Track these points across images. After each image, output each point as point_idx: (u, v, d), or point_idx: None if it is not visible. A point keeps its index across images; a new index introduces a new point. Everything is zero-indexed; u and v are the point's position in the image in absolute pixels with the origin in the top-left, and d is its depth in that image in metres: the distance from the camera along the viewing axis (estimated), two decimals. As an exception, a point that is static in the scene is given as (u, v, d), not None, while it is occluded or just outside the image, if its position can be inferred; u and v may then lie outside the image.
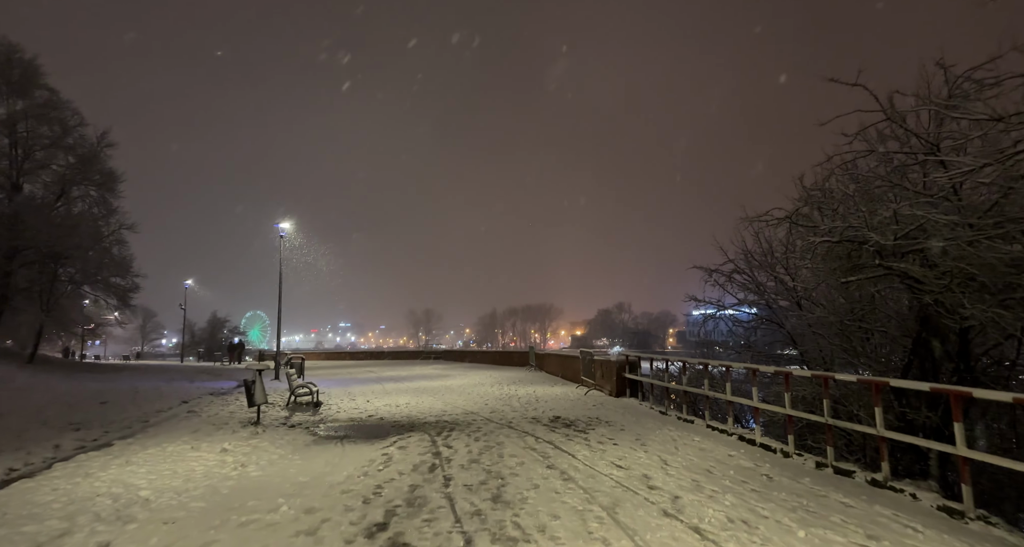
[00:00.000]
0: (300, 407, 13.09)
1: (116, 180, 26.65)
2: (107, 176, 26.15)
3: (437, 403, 14.11)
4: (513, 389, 17.04)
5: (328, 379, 24.05)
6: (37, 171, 24.51)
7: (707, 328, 14.83)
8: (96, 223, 26.56)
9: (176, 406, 13.04)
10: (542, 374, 22.79)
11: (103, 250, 26.10)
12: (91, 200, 26.43)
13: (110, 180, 26.33)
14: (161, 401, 13.81)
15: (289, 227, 22.06)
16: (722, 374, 10.48)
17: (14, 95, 23.63)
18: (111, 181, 26.43)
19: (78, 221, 25.06)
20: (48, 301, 23.32)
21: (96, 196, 26.42)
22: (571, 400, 14.00)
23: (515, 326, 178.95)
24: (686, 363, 10.96)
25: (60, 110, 24.97)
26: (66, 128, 24.92)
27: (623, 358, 14.02)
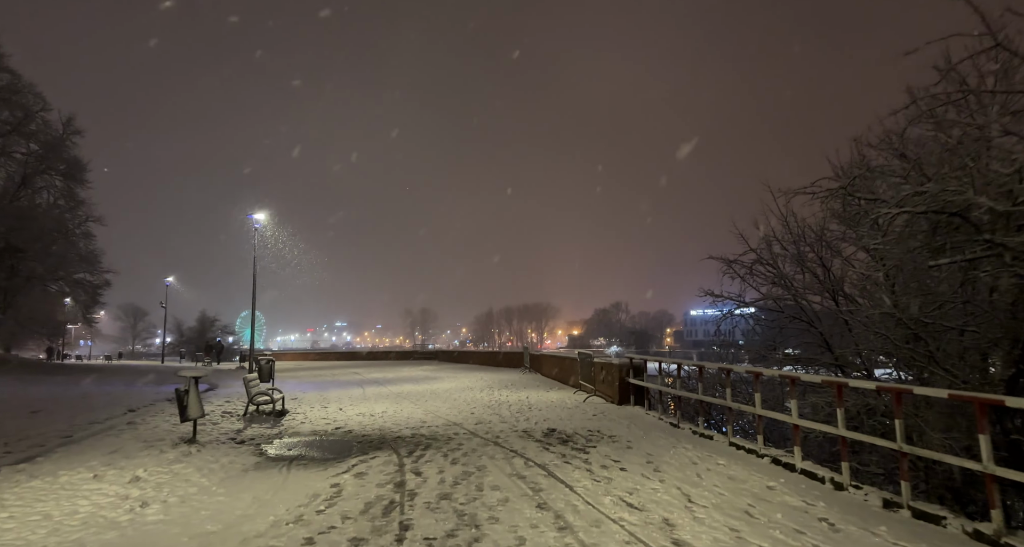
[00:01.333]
0: (260, 417, 11.50)
1: (83, 169, 25.00)
2: (73, 165, 24.51)
3: (417, 412, 12.54)
4: (504, 394, 15.48)
5: (309, 382, 22.46)
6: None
7: (724, 327, 13.17)
8: (61, 215, 24.93)
9: (118, 416, 11.43)
10: (537, 377, 21.23)
11: (68, 244, 24.48)
12: (56, 191, 24.78)
13: (76, 169, 24.68)
14: (105, 409, 12.20)
15: (264, 218, 20.47)
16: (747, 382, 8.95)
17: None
18: (77, 170, 24.79)
19: (39, 212, 23.43)
20: (4, 299, 21.66)
21: (61, 186, 24.78)
22: (568, 408, 12.44)
23: (512, 326, 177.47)
24: (702, 368, 9.38)
25: (21, 94, 23.29)
26: (28, 113, 23.24)
27: (627, 361, 12.47)
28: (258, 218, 20.23)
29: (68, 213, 25.15)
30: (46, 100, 23.45)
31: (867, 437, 5.77)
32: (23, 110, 23.00)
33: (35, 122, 23.48)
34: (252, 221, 20.15)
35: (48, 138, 23.61)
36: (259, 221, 20.29)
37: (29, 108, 23.08)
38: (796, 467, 6.65)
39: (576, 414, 11.59)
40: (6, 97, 22.80)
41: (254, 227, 20.26)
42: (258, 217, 20.21)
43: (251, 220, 20.13)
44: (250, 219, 20.12)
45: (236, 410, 12.51)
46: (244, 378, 11.51)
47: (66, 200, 24.76)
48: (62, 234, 23.85)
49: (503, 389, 16.95)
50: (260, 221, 20.33)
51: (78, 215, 24.94)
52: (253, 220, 20.17)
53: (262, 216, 20.37)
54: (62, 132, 23.93)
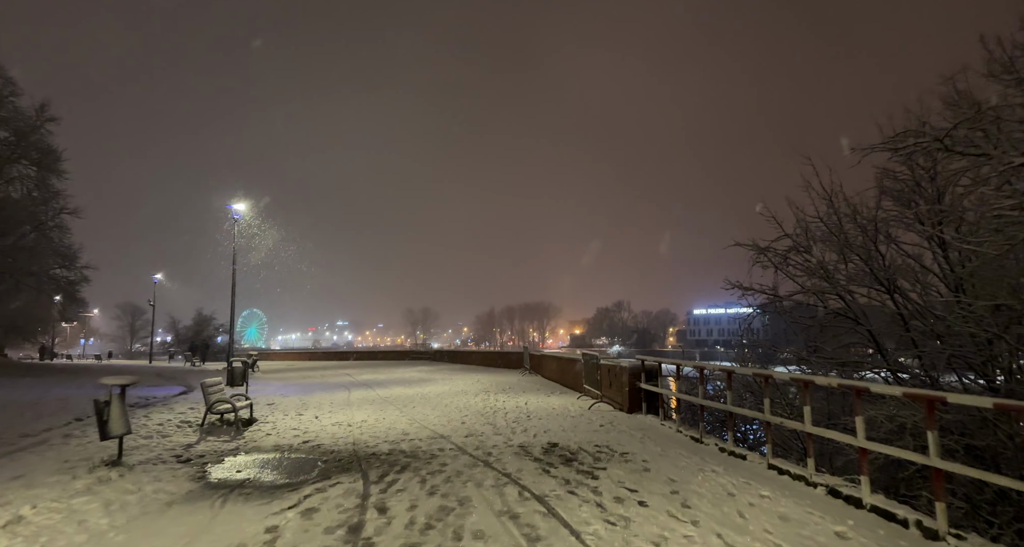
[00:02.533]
0: (222, 428, 10.08)
1: (58, 158, 23.58)
2: (46, 153, 23.08)
3: (402, 420, 11.13)
4: (501, 400, 14.05)
5: (295, 384, 21.08)
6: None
7: (755, 325, 11.70)
8: (35, 207, 23.52)
9: (59, 427, 10.01)
10: (537, 379, 19.80)
11: (42, 237, 23.09)
12: (29, 181, 23.36)
13: (50, 158, 23.25)
14: (49, 418, 10.79)
15: (244, 208, 19.06)
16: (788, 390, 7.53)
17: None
18: (51, 159, 23.36)
19: (9, 203, 22.03)
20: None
21: (35, 176, 23.35)
22: (572, 417, 11.01)
23: (513, 325, 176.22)
24: (731, 373, 7.92)
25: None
26: None
27: (637, 363, 11.03)
28: (238, 208, 18.83)
29: (43, 205, 23.74)
30: (16, 84, 22.05)
31: (983, 474, 4.30)
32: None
33: (5, 108, 22.05)
34: (231, 211, 18.76)
35: (20, 125, 22.19)
36: (239, 212, 18.89)
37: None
38: (864, 503, 5.22)
39: (581, 424, 10.16)
40: (-26, 81, 21.41)
41: (233, 217, 18.86)
42: (238, 207, 18.81)
43: (230, 210, 18.74)
44: (229, 209, 18.73)
45: (200, 418, 11.11)
46: (203, 383, 10.08)
47: (40, 191, 23.38)
48: (35, 227, 22.47)
49: (500, 393, 15.52)
50: (240, 212, 18.93)
51: (53, 207, 23.58)
52: (232, 210, 18.77)
53: (242, 206, 18.97)
54: (35, 118, 22.50)
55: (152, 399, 14.87)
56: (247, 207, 19.35)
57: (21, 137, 22.20)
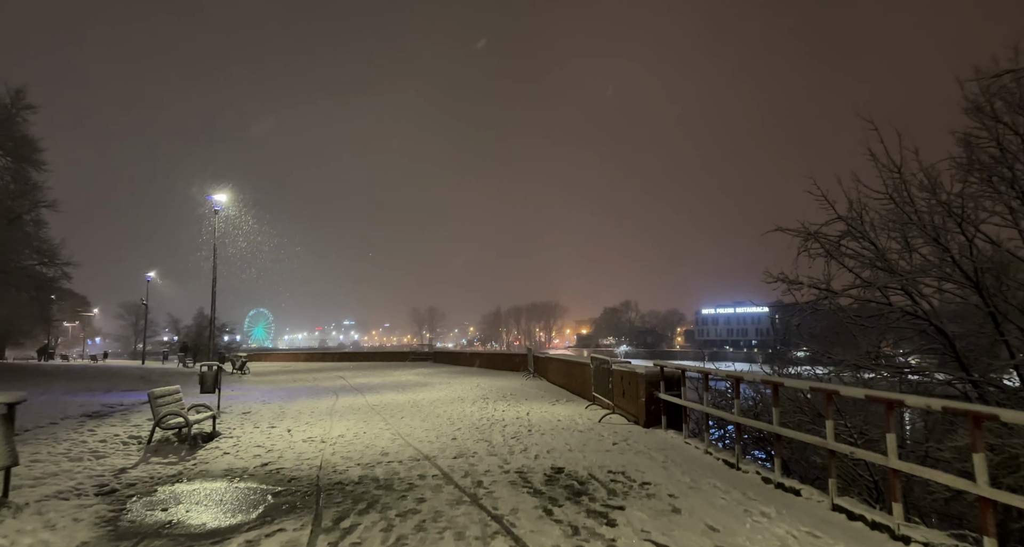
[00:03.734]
0: (173, 445, 8.67)
1: (35, 149, 22.29)
2: (21, 143, 21.78)
3: (385, 434, 9.70)
4: (500, 409, 12.59)
5: (282, 388, 19.73)
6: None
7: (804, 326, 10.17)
8: (12, 200, 22.25)
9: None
10: (542, 384, 18.32)
11: (16, 232, 21.80)
12: (5, 172, 22.07)
13: (26, 148, 21.97)
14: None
15: (224, 199, 17.70)
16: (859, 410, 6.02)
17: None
18: (28, 149, 22.07)
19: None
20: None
21: (10, 167, 22.06)
22: (580, 431, 9.54)
23: (520, 325, 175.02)
24: (778, 387, 6.39)
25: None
26: (-33, 83, 20.56)
27: (656, 370, 9.54)
28: (218, 199, 17.48)
29: (21, 198, 22.45)
30: (-11, 69, 20.73)
31: None
32: (-39, 81, 20.34)
33: (-24, 97, 20.79)
34: (212, 202, 17.42)
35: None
36: (219, 203, 17.54)
37: (-32, 78, 20.43)
38: (991, 575, 3.73)
39: (590, 441, 8.69)
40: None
41: (214, 209, 17.52)
42: (218, 198, 17.46)
43: (210, 201, 17.41)
44: (209, 200, 17.41)
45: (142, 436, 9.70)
46: (151, 393, 8.66)
47: (16, 183, 22.10)
48: (10, 221, 21.18)
49: (500, 401, 14.06)
50: (220, 203, 17.58)
51: (30, 200, 22.30)
52: (213, 201, 17.43)
53: (223, 197, 17.61)
54: (11, 106, 21.22)
55: (115, 407, 13.50)
56: (229, 198, 18.01)
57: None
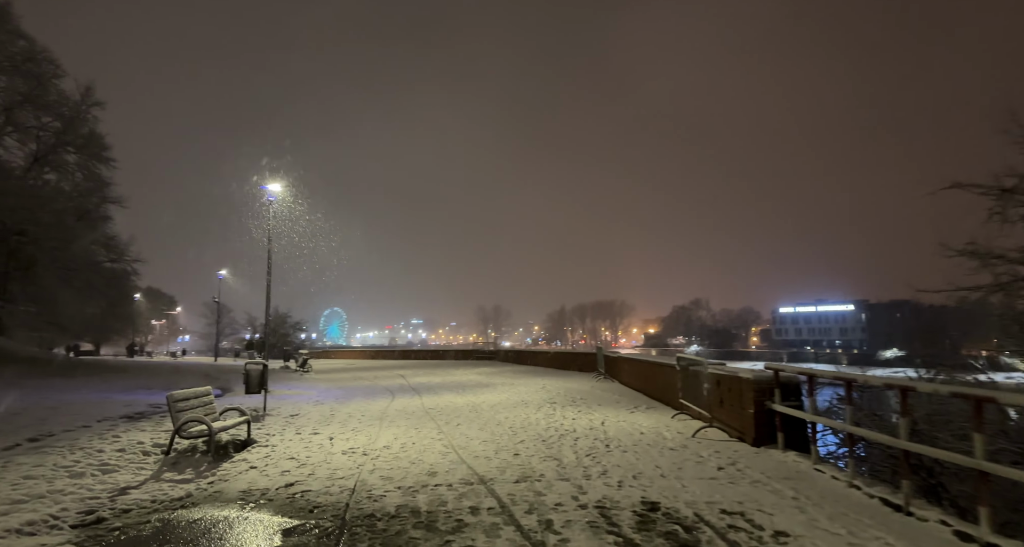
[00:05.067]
0: (194, 457, 7.57)
1: (104, 146, 22.50)
2: (91, 140, 22.02)
3: (437, 446, 8.29)
4: (570, 416, 10.95)
5: (340, 387, 18.88)
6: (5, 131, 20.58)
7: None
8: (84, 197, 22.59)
9: (2, 446, 7.84)
10: (614, 386, 16.51)
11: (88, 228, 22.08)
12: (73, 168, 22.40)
13: (95, 145, 22.20)
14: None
15: (279, 189, 16.90)
16: None
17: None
18: (97, 146, 22.30)
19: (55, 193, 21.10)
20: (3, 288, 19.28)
21: (79, 163, 22.37)
22: (671, 450, 7.76)
23: (584, 323, 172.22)
24: (983, 402, 4.36)
25: (36, 63, 20.96)
26: (42, 81, 20.88)
27: (768, 375, 7.63)
28: (272, 189, 16.70)
29: (94, 196, 22.79)
30: (58, 65, 21.03)
31: None
32: (36, 79, 20.66)
33: (51, 93, 21.10)
34: (265, 193, 16.67)
35: (65, 110, 21.23)
36: (273, 193, 16.75)
37: (43, 76, 20.70)
38: None
39: (688, 465, 6.91)
40: (20, 65, 20.51)
41: (268, 199, 16.75)
42: (272, 188, 16.67)
43: (264, 191, 16.65)
44: (263, 190, 16.65)
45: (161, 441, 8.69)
46: (170, 396, 7.59)
47: (87, 180, 22.44)
48: (81, 218, 21.47)
49: (569, 406, 12.42)
50: (274, 193, 16.78)
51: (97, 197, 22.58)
52: (267, 191, 16.66)
53: (277, 187, 16.81)
54: (80, 102, 21.49)
55: (161, 407, 12.75)
56: (282, 187, 17.18)
57: (66, 123, 21.24)
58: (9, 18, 20.46)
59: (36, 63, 20.71)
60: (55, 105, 21.11)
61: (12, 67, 20.29)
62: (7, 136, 20.84)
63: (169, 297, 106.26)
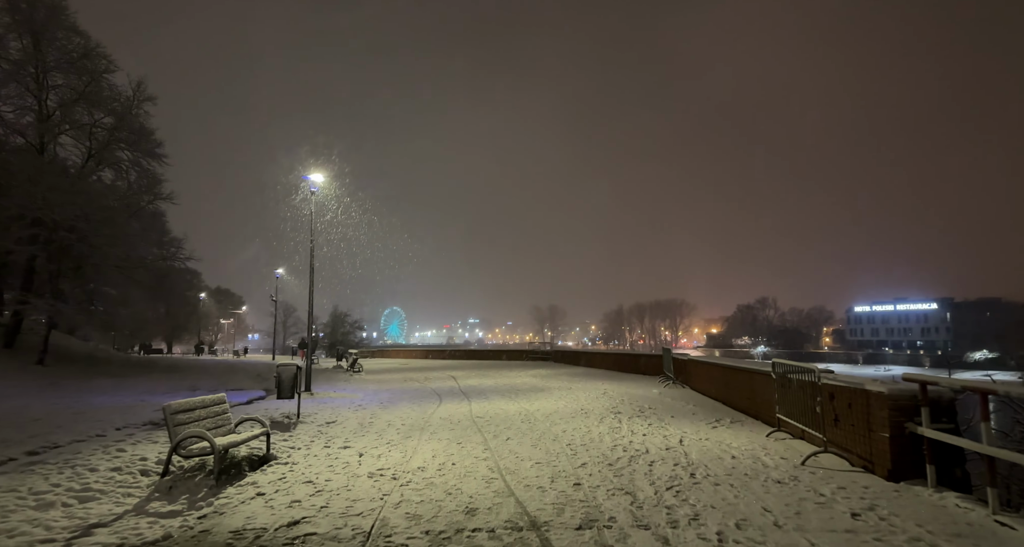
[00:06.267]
0: (195, 479, 6.44)
1: (155, 142, 22.39)
2: (142, 135, 21.90)
3: (481, 468, 6.88)
4: (640, 431, 9.30)
5: (388, 389, 17.84)
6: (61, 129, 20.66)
7: None
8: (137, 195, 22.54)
9: None
10: (686, 393, 14.69)
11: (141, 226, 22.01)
12: (126, 165, 22.36)
13: (147, 141, 22.08)
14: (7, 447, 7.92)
15: (321, 180, 15.98)
16: None
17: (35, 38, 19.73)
18: (149, 142, 22.19)
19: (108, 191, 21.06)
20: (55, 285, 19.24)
21: (131, 160, 22.32)
22: (778, 483, 6.04)
23: (643, 323, 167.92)
24: None
25: (91, 59, 20.97)
26: (95, 77, 20.87)
27: (911, 388, 5.81)
28: (315, 180, 15.81)
29: (146, 193, 22.75)
30: (112, 60, 20.89)
31: None
32: (90, 75, 20.64)
33: (105, 89, 21.06)
34: (308, 183, 15.81)
35: (116, 106, 21.15)
36: (315, 184, 15.87)
37: (96, 72, 20.66)
38: None
39: (807, 507, 5.21)
40: (76, 62, 20.54)
41: (310, 190, 15.89)
42: (315, 178, 15.78)
43: (307, 182, 15.78)
44: (305, 180, 15.79)
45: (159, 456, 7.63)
46: (166, 407, 6.47)
47: (140, 177, 22.39)
48: (134, 216, 21.38)
49: (637, 417, 10.76)
50: (316, 184, 15.90)
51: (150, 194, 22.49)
52: (309, 182, 15.80)
53: (319, 178, 15.91)
54: (132, 98, 21.39)
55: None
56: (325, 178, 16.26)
57: (118, 119, 21.17)
58: (65, 16, 20.55)
59: (91, 59, 20.70)
60: (108, 101, 21.07)
61: (68, 63, 20.35)
62: (64, 134, 20.91)
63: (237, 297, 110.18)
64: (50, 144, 20.51)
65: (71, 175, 19.78)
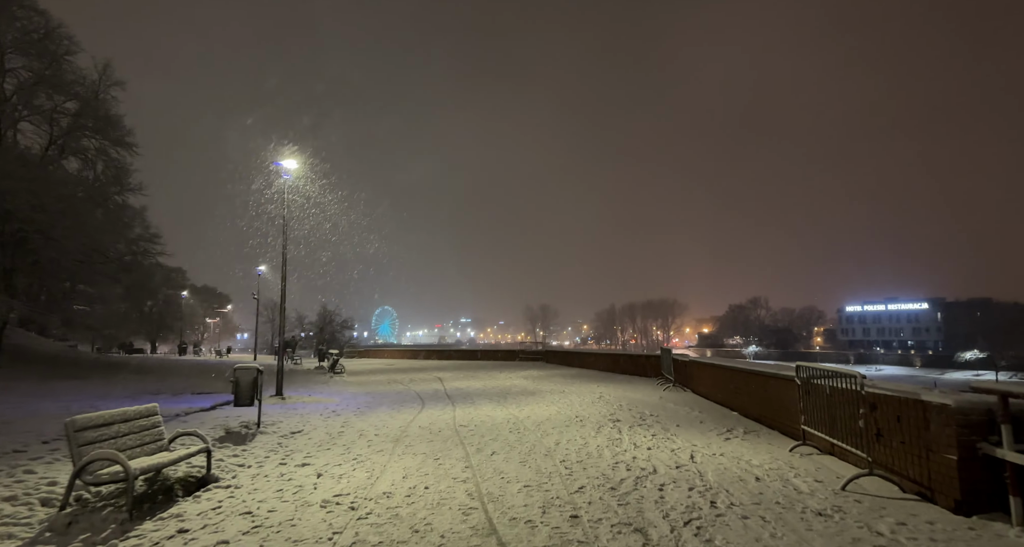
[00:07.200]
0: (106, 513, 5.27)
1: (124, 129, 21.04)
2: (109, 122, 20.56)
3: (457, 493, 5.74)
4: (644, 444, 8.18)
5: (367, 393, 16.62)
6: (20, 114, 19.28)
7: None
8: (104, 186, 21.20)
9: None
10: (688, 397, 13.61)
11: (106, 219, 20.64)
12: (92, 154, 20.99)
13: (114, 128, 20.72)
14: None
15: (295, 166, 14.76)
16: None
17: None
18: (117, 130, 20.84)
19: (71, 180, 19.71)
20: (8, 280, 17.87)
21: (98, 148, 20.95)
22: (821, 517, 4.91)
23: (635, 323, 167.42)
24: None
25: (53, 40, 19.60)
26: (56, 59, 19.51)
27: (985, 401, 4.75)
28: (287, 167, 14.59)
29: (114, 184, 21.39)
30: (74, 41, 19.50)
31: None
32: (51, 57, 19.26)
33: (67, 71, 19.66)
34: (280, 169, 14.59)
35: (81, 90, 19.79)
36: (288, 171, 14.66)
37: (56, 53, 19.27)
38: None
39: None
40: (36, 42, 19.16)
41: (282, 177, 14.68)
42: (287, 164, 14.56)
43: (278, 168, 14.57)
44: (277, 166, 14.57)
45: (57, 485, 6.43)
46: (68, 423, 5.27)
47: (107, 167, 21.04)
48: (100, 207, 20.03)
49: (638, 426, 9.65)
50: (289, 171, 14.68)
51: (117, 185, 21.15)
52: (281, 168, 14.58)
53: (293, 163, 14.68)
54: (98, 82, 20.02)
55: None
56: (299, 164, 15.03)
57: (84, 104, 19.80)
58: (22, -8, 19.16)
59: (52, 40, 19.34)
60: (71, 85, 19.70)
61: (28, 44, 18.98)
62: (24, 120, 19.55)
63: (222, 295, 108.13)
64: (8, 130, 19.14)
65: (29, 163, 18.41)
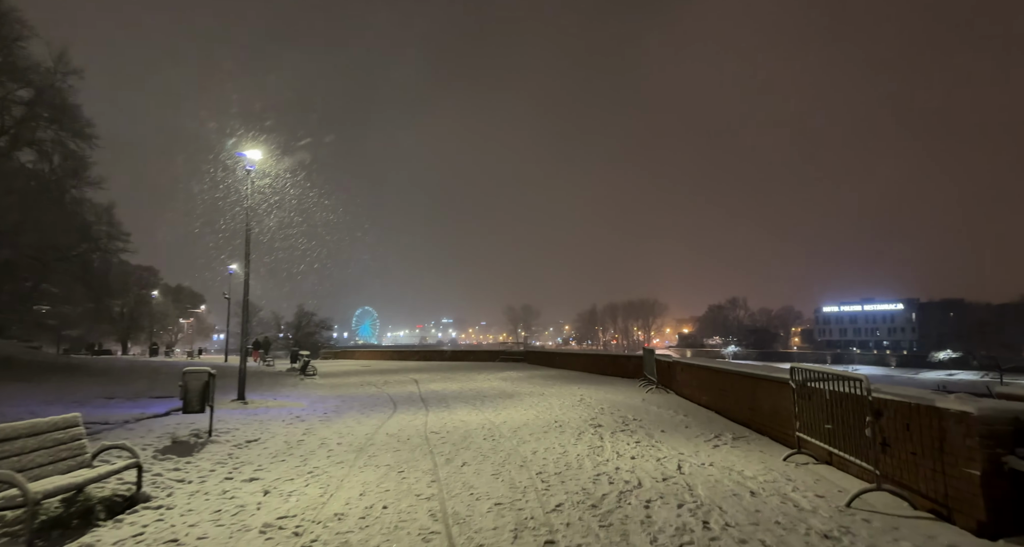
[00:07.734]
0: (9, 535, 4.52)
1: (83, 120, 19.94)
2: (65, 112, 19.48)
3: (419, 514, 5.08)
4: (627, 453, 7.58)
5: (337, 396, 15.84)
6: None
7: None
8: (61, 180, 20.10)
9: None
10: (671, 400, 13.07)
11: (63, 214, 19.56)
12: (49, 145, 19.87)
13: (72, 118, 19.66)
14: None
15: (259, 156, 13.96)
16: None
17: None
18: (75, 120, 19.77)
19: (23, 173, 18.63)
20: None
21: (54, 139, 19.84)
22: (831, 540, 4.30)
23: (616, 323, 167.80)
24: None
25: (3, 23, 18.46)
26: (7, 44, 18.38)
27: (1010, 408, 4.22)
28: (251, 157, 13.79)
29: (72, 178, 20.29)
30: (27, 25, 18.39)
31: None
32: (1, 41, 18.14)
33: (19, 57, 18.54)
34: (244, 160, 13.77)
35: (35, 78, 18.69)
36: (252, 162, 13.85)
37: (6, 37, 18.16)
38: None
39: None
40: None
41: (246, 168, 13.86)
42: (251, 155, 13.75)
43: (242, 158, 13.75)
44: (241, 157, 13.76)
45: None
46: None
47: (65, 159, 19.95)
48: (54, 202, 18.94)
49: (621, 432, 9.05)
50: (253, 162, 13.88)
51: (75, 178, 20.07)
52: (244, 158, 13.77)
53: (257, 154, 13.88)
54: (54, 69, 18.94)
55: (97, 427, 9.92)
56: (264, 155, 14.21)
57: (38, 92, 18.71)
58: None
59: (2, 24, 18.22)
60: (24, 72, 18.59)
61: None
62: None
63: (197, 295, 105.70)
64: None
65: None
